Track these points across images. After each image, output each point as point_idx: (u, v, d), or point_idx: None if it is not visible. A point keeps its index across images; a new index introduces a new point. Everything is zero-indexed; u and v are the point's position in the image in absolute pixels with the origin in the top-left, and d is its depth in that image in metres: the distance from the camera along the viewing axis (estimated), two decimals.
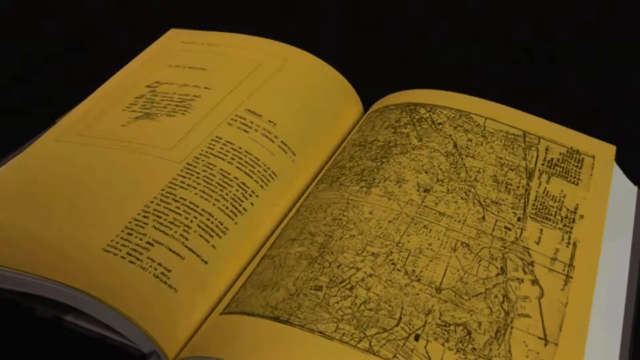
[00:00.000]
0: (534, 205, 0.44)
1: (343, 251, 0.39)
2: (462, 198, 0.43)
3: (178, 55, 0.56)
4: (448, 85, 0.51)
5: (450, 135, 0.48)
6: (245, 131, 0.47)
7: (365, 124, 0.51)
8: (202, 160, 0.45)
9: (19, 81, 0.61)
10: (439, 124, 0.49)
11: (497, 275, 0.39)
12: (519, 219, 0.43)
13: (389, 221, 0.41)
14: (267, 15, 0.69)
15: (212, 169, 0.44)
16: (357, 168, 0.46)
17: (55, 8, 0.70)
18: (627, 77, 0.60)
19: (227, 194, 0.43)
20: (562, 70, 0.61)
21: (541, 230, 0.42)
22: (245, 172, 0.45)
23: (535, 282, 0.39)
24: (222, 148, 0.46)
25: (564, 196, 0.45)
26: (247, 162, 0.45)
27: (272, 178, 0.46)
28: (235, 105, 0.49)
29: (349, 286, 0.37)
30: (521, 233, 0.42)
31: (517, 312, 0.38)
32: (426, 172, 0.45)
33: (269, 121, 0.48)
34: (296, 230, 0.42)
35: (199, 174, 0.44)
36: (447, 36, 0.67)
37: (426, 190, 0.44)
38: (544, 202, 0.44)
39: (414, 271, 0.39)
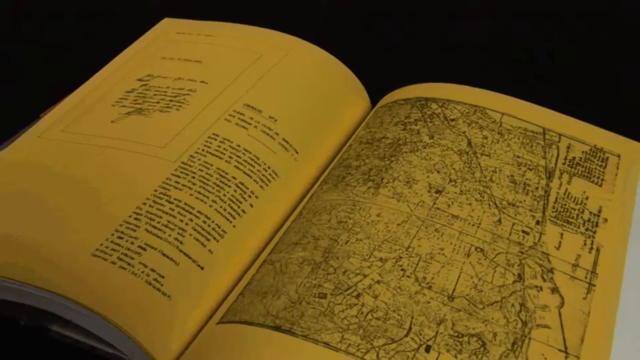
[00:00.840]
0: (554, 207, 0.44)
1: (349, 256, 0.40)
2: (476, 200, 0.44)
3: (172, 47, 0.56)
4: None
5: (464, 132, 0.48)
6: (244, 128, 0.47)
7: (373, 119, 0.51)
8: (198, 159, 0.45)
9: (19, 80, 0.62)
10: (452, 120, 0.49)
11: (514, 282, 0.40)
12: (537, 223, 0.43)
13: (398, 224, 0.42)
14: (267, 14, 0.70)
15: (208, 169, 0.44)
16: (364, 167, 0.46)
17: (55, 7, 0.72)
18: (627, 77, 0.61)
19: (224, 195, 0.44)
20: (562, 70, 0.63)
21: (562, 234, 0.43)
22: (244, 172, 0.45)
23: (555, 290, 0.39)
24: (219, 146, 0.46)
25: (587, 198, 0.45)
26: (246, 161, 0.46)
27: (273, 178, 0.46)
28: (233, 100, 0.49)
29: (355, 294, 0.38)
30: (540, 237, 0.42)
31: (535, 323, 0.38)
32: (438, 172, 0.45)
33: (270, 117, 0.49)
34: (298, 234, 0.42)
35: (194, 173, 0.44)
36: (447, 36, 0.68)
37: (438, 191, 0.44)
38: (565, 205, 0.44)
39: (424, 278, 0.39)
